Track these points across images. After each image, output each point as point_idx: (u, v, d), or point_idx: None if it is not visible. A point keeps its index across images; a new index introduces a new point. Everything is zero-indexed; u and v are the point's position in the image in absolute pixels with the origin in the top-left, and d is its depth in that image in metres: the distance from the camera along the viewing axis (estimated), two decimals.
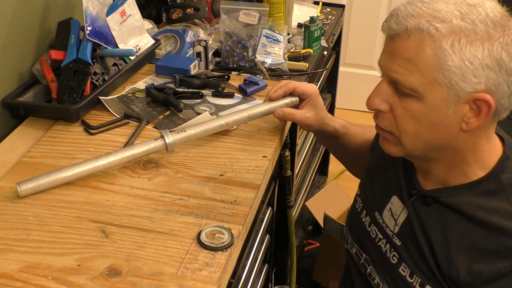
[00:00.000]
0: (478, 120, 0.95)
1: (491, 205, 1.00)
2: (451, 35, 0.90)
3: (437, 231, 1.05)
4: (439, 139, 0.99)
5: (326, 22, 2.13)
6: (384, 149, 1.08)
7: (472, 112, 0.95)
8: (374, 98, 1.01)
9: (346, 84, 3.24)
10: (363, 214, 1.22)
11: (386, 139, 1.06)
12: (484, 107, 0.93)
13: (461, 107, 0.94)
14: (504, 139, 1.06)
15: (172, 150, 1.18)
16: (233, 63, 1.70)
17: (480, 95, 0.92)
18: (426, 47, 0.91)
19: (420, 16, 0.92)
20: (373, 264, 1.19)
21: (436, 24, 0.91)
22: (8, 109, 1.34)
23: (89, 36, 1.40)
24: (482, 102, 0.93)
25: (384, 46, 0.99)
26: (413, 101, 0.96)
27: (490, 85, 0.92)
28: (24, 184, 1.08)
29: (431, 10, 0.92)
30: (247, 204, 1.09)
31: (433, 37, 0.91)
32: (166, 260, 0.95)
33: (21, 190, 1.07)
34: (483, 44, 0.90)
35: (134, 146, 1.17)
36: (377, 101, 1.01)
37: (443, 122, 0.96)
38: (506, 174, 1.01)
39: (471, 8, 0.91)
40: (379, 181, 1.21)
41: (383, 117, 1.02)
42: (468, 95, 0.92)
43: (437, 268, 1.04)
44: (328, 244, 2.21)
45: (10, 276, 0.91)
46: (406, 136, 1.00)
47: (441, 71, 0.91)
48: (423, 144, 1.00)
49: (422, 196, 1.08)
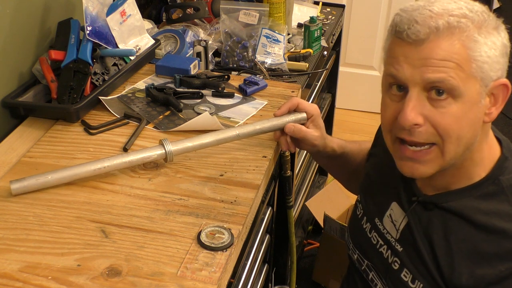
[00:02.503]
0: (497, 108, 0.98)
1: (492, 208, 1.00)
2: (475, 27, 0.92)
3: (438, 236, 1.04)
4: (473, 137, 0.98)
5: (326, 22, 2.13)
6: (416, 174, 1.01)
7: (491, 102, 0.97)
8: (409, 113, 0.94)
9: (346, 84, 3.24)
10: (364, 220, 1.22)
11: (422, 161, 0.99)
12: (503, 93, 0.97)
13: (485, 98, 0.96)
14: (501, 140, 1.06)
15: (172, 160, 1.17)
16: (233, 63, 1.70)
17: (501, 81, 0.96)
18: (459, 42, 0.92)
19: (441, 16, 0.92)
20: (375, 270, 1.18)
21: (461, 19, 0.92)
22: (8, 109, 1.34)
23: (89, 36, 1.40)
24: (500, 89, 0.96)
25: (400, 57, 0.95)
26: (450, 103, 0.94)
27: (503, 70, 0.96)
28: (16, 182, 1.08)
29: (443, 9, 0.93)
30: (247, 204, 1.09)
31: (464, 31, 0.92)
32: (166, 260, 0.95)
33: (14, 189, 1.08)
34: (495, 32, 0.94)
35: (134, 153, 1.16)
36: (413, 115, 0.94)
37: (477, 117, 0.96)
38: (505, 176, 1.01)
39: (469, 3, 0.95)
40: (378, 188, 1.20)
41: (420, 132, 0.96)
42: (492, 83, 0.95)
43: (439, 273, 1.04)
44: (328, 244, 2.21)
45: (10, 276, 0.91)
46: (449, 142, 0.96)
47: (475, 62, 0.92)
48: (462, 147, 0.97)
49: (422, 202, 1.08)
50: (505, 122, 3.40)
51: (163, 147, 1.15)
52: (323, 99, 2.42)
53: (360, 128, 3.25)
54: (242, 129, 1.23)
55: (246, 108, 1.43)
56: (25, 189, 1.09)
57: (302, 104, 1.24)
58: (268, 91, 1.51)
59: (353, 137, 3.19)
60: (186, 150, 1.18)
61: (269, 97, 1.48)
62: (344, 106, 3.36)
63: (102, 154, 1.22)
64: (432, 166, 0.99)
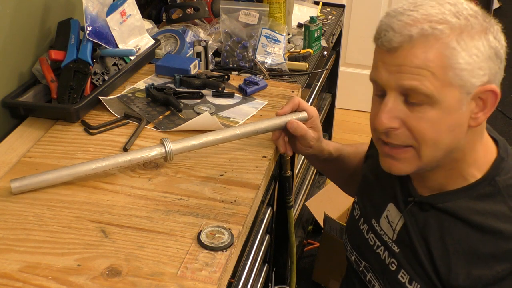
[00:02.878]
0: (485, 113, 0.96)
1: (488, 209, 1.00)
2: (454, 33, 0.91)
3: (435, 237, 1.04)
4: (454, 142, 0.98)
5: (326, 22, 2.13)
6: (394, 170, 1.03)
7: (478, 106, 0.96)
8: (384, 117, 0.96)
9: (346, 84, 3.24)
10: (361, 221, 1.22)
11: (398, 159, 1.01)
12: (491, 98, 0.95)
13: (470, 103, 0.95)
14: (498, 140, 1.06)
15: (172, 159, 1.17)
16: (233, 63, 1.70)
17: (487, 87, 0.94)
18: (434, 51, 0.91)
19: (418, 22, 0.92)
20: (372, 271, 1.18)
21: (438, 26, 0.91)
22: (8, 109, 1.34)
23: (89, 36, 1.40)
24: (488, 94, 0.94)
25: (379, 62, 0.96)
26: (426, 108, 0.94)
27: (491, 75, 0.94)
28: (16, 181, 1.08)
29: (423, 15, 0.92)
30: (247, 204, 1.09)
31: (439, 39, 0.91)
32: (166, 260, 0.95)
33: (14, 187, 1.08)
34: (481, 36, 0.92)
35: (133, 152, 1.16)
36: (387, 120, 0.96)
37: (458, 123, 0.96)
38: (501, 176, 1.01)
39: (456, 6, 0.93)
40: (375, 189, 1.20)
41: (396, 135, 0.98)
42: (476, 89, 0.93)
43: (436, 274, 1.04)
44: (328, 244, 2.22)
45: (10, 276, 0.91)
46: (425, 146, 0.97)
47: (453, 70, 0.91)
48: (441, 151, 0.98)
49: (418, 203, 1.08)
50: (505, 122, 3.40)
51: (163, 146, 1.16)
52: (323, 99, 2.42)
53: (360, 128, 3.25)
54: (243, 128, 1.23)
55: (246, 108, 1.43)
56: (25, 188, 1.09)
57: (303, 104, 1.25)
58: (268, 91, 1.51)
59: (353, 137, 3.20)
60: (186, 149, 1.18)
61: (269, 97, 1.48)
62: (344, 106, 3.37)
63: (102, 154, 1.22)
64: (409, 165, 1.01)
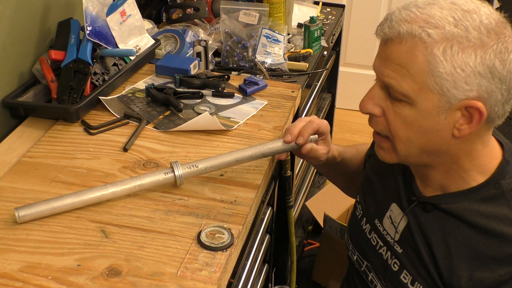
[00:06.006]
0: (470, 127, 0.94)
1: (492, 211, 1.00)
2: (443, 41, 0.90)
3: (438, 238, 1.04)
4: (431, 145, 0.98)
5: (326, 22, 2.13)
6: (380, 156, 1.07)
7: (464, 119, 0.94)
8: (367, 102, 1.01)
9: (346, 84, 3.24)
10: (363, 221, 1.22)
11: (381, 147, 1.06)
12: (476, 115, 0.93)
13: (453, 113, 0.93)
14: (503, 144, 1.06)
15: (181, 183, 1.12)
16: (233, 63, 1.70)
17: (472, 103, 0.91)
18: (418, 53, 0.91)
19: (413, 21, 0.91)
20: (374, 272, 1.18)
21: (429, 30, 0.90)
22: (8, 109, 1.34)
23: (89, 36, 1.40)
24: (473, 110, 0.92)
25: (378, 50, 0.99)
26: (405, 106, 0.95)
27: (482, 92, 0.91)
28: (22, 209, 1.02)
29: (425, 15, 0.91)
30: (247, 204, 1.09)
31: (425, 43, 0.90)
32: (166, 260, 0.95)
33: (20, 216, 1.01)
34: (476, 51, 0.89)
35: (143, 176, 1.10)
36: (370, 105, 1.01)
37: (434, 128, 0.95)
38: (506, 180, 1.01)
39: (465, 15, 0.91)
40: (378, 188, 1.20)
41: (376, 121, 1.02)
42: (459, 102, 0.92)
43: (438, 275, 1.04)
44: (328, 244, 2.21)
45: (10, 276, 0.91)
46: (399, 141, 1.00)
47: (433, 77, 0.91)
48: (416, 150, 1.00)
49: (422, 203, 1.08)
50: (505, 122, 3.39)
51: (173, 171, 1.10)
52: (323, 99, 2.42)
53: (360, 128, 3.25)
54: (256, 149, 1.17)
55: (246, 108, 1.43)
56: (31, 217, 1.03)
57: (322, 127, 1.21)
58: (268, 91, 1.51)
59: (353, 137, 3.20)
60: (197, 173, 1.13)
61: (269, 97, 1.48)
62: (344, 106, 3.36)
63: (102, 154, 1.22)
64: (390, 155, 1.04)
